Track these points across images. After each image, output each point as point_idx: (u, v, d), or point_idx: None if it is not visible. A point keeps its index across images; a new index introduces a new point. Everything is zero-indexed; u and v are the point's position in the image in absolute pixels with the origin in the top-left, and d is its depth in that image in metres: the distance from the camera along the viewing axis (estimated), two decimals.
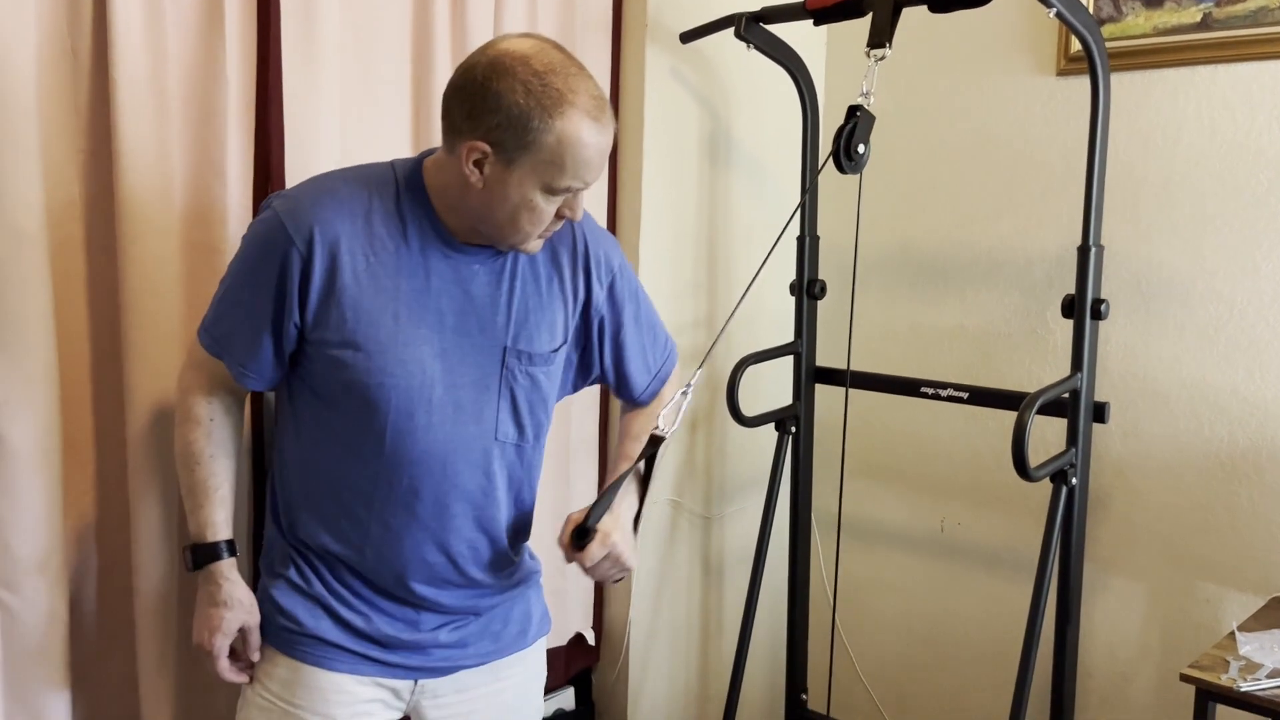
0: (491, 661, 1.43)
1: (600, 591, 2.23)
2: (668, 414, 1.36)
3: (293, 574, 1.35)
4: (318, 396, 1.30)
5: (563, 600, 2.11)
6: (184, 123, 1.50)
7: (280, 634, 1.34)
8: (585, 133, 1.20)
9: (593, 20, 2.02)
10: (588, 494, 2.15)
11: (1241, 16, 1.86)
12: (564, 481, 2.08)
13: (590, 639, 2.21)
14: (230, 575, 1.32)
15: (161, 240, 1.48)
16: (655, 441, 1.37)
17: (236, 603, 1.32)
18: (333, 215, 1.25)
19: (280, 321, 1.26)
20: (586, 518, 1.32)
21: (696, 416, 2.31)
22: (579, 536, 1.32)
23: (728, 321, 1.62)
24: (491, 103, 1.18)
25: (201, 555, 1.32)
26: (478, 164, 1.21)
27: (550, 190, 1.22)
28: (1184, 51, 1.93)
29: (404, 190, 1.29)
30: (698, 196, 2.24)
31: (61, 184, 1.42)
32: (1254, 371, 1.90)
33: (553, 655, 2.12)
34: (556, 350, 1.39)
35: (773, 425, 2.17)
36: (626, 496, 1.38)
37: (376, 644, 1.35)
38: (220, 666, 1.33)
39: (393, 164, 1.33)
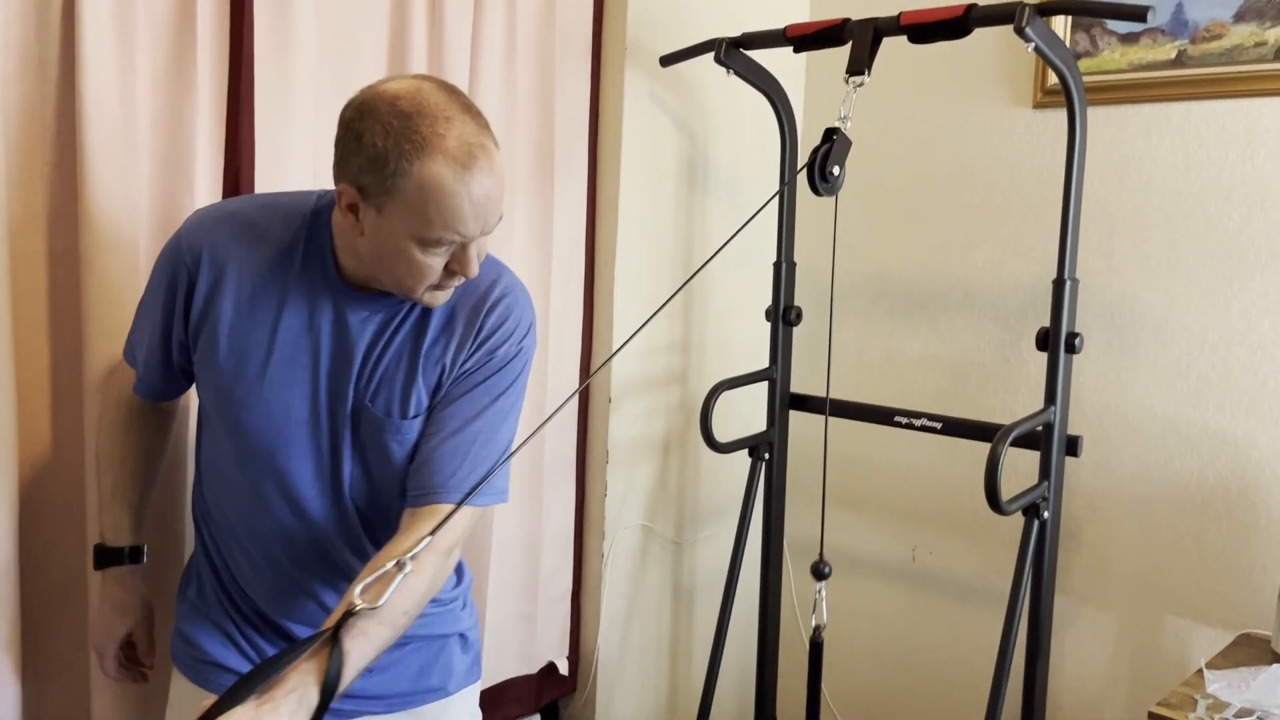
0: (403, 710, 1.35)
1: (576, 619, 2.20)
2: (376, 587, 1.09)
3: (192, 593, 1.34)
4: (205, 411, 1.30)
5: (533, 627, 2.08)
6: (152, 135, 1.48)
7: (182, 657, 1.32)
8: (447, 180, 1.08)
9: (572, 42, 2.01)
10: (563, 518, 2.13)
11: (1216, 54, 1.88)
12: (537, 503, 2.06)
13: (563, 668, 2.18)
14: (126, 582, 1.34)
15: (125, 254, 1.45)
16: (349, 614, 1.07)
17: (130, 609, 1.34)
18: (230, 240, 1.22)
19: (169, 332, 1.27)
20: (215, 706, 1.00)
21: (670, 441, 2.30)
22: None
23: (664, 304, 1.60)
24: (355, 145, 1.10)
25: (103, 557, 1.35)
26: (351, 209, 1.13)
27: (422, 242, 1.11)
28: (1159, 88, 1.94)
29: (310, 227, 1.23)
30: (675, 219, 2.23)
31: (24, 197, 1.39)
32: (1224, 407, 1.91)
33: (522, 684, 2.10)
34: (415, 418, 1.24)
35: (746, 451, 2.15)
36: (291, 685, 1.03)
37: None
38: (105, 668, 1.35)
39: (318, 196, 1.26)
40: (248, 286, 1.21)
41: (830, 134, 1.64)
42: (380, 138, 1.08)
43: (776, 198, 2.13)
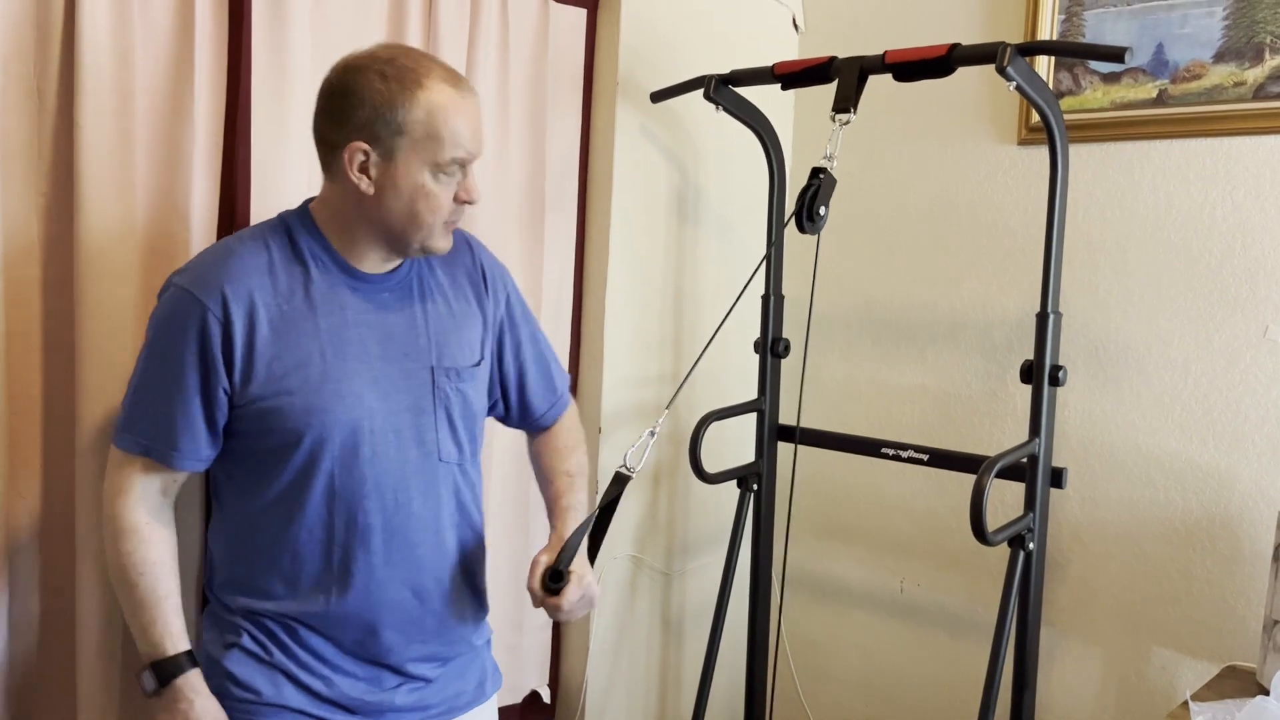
0: (457, 716, 1.42)
1: (557, 648, 2.20)
2: (634, 453, 1.38)
3: (247, 642, 1.30)
4: (253, 460, 1.28)
5: (517, 656, 2.08)
6: (148, 164, 1.50)
7: (238, 707, 1.28)
8: (450, 99, 1.22)
9: (564, 78, 2.04)
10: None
11: (1196, 94, 1.92)
12: (524, 533, 2.06)
13: (545, 697, 2.17)
14: (199, 688, 1.25)
15: (120, 284, 1.46)
16: (621, 481, 1.38)
17: (211, 718, 1.25)
18: (238, 273, 1.24)
19: (210, 392, 1.23)
20: (558, 561, 1.31)
21: (659, 471, 2.30)
22: (553, 580, 1.31)
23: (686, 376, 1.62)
24: (354, 100, 1.20)
25: (165, 672, 1.24)
26: (363, 168, 1.22)
27: (438, 168, 1.23)
28: (1140, 126, 1.98)
29: (299, 234, 1.29)
30: (665, 252, 2.26)
31: (20, 227, 1.40)
32: (1208, 440, 1.93)
33: (506, 714, 2.08)
34: (478, 364, 1.40)
35: (735, 482, 2.16)
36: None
37: (340, 708, 1.31)
38: None
39: (281, 215, 1.33)
40: (275, 308, 1.25)
41: (816, 173, 1.67)
42: (378, 83, 1.19)
43: (766, 233, 2.16)
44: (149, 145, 1.49)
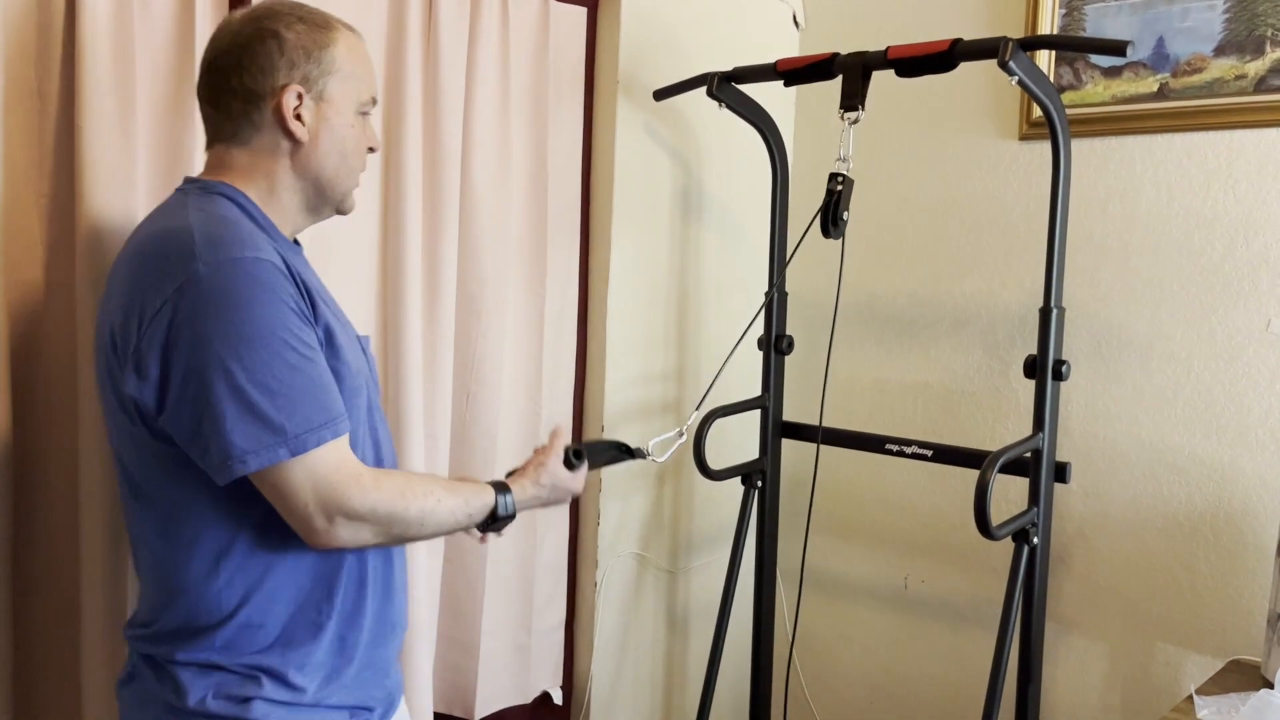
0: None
1: (570, 648, 2.20)
2: (657, 445, 1.52)
3: (271, 691, 1.16)
4: None
5: (527, 657, 2.08)
6: (151, 167, 1.50)
7: None
8: (357, 40, 1.24)
9: (565, 76, 2.04)
10: (557, 548, 2.13)
11: (1197, 87, 1.92)
12: (531, 533, 2.06)
13: (557, 698, 2.17)
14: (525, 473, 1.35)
15: None
16: (637, 455, 1.53)
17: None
18: (260, 236, 1.14)
19: (318, 346, 1.14)
20: (582, 444, 1.41)
21: (663, 469, 2.31)
22: (576, 457, 1.40)
23: (713, 380, 1.63)
24: (279, 45, 1.17)
25: (504, 489, 1.28)
26: (296, 114, 1.18)
27: (360, 108, 1.24)
28: (1142, 120, 1.98)
29: (240, 201, 1.18)
30: (669, 250, 2.26)
31: (22, 227, 1.40)
32: (1210, 434, 1.93)
33: (517, 714, 2.09)
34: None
35: (739, 479, 2.16)
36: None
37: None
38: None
39: (204, 189, 1.18)
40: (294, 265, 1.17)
41: (835, 178, 1.66)
42: (299, 25, 1.18)
43: (769, 230, 2.16)
44: (150, 146, 1.49)
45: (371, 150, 1.28)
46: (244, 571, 1.15)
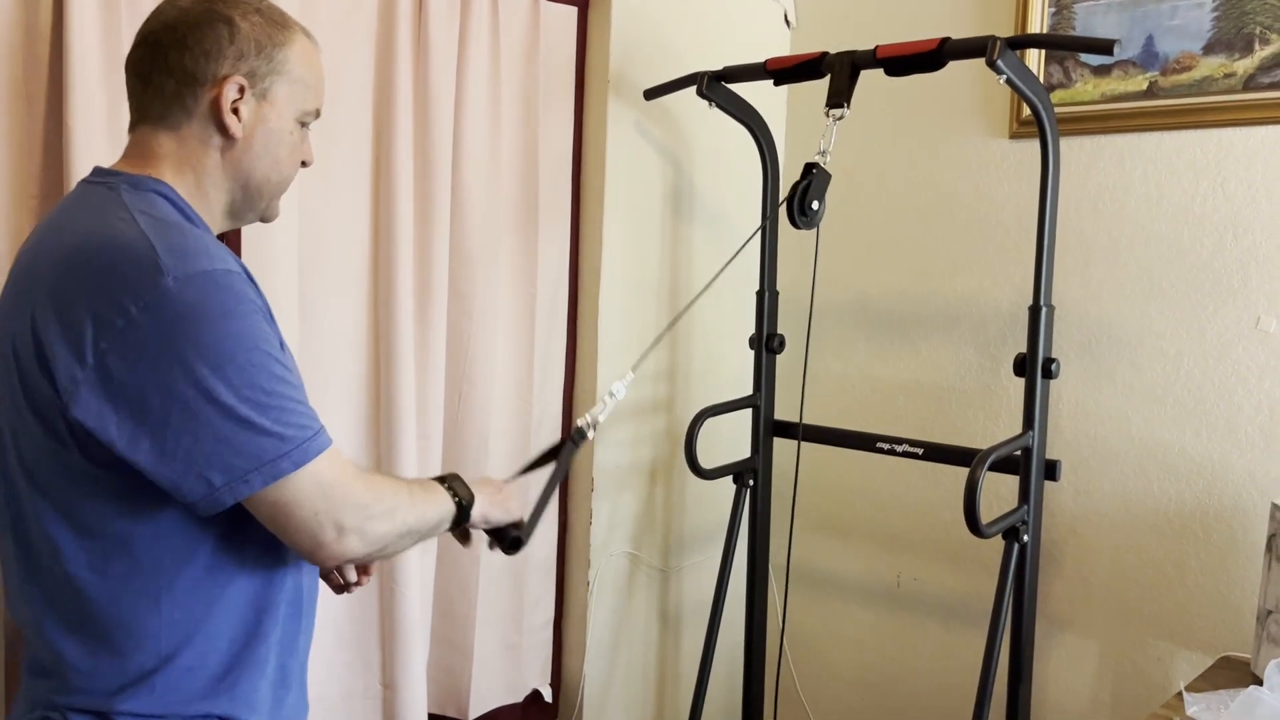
0: None
1: (559, 646, 2.20)
2: (595, 412, 1.42)
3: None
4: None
5: (518, 655, 2.09)
6: None
7: None
8: (313, 51, 1.15)
9: (556, 76, 2.04)
10: (548, 546, 2.14)
11: (1186, 85, 1.92)
12: None
13: (547, 695, 2.18)
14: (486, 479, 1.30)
15: None
16: (580, 438, 1.42)
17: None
18: (216, 243, 1.06)
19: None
20: (525, 529, 1.29)
21: (655, 468, 2.31)
22: (512, 546, 1.29)
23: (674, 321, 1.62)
24: (230, 33, 1.07)
25: (463, 488, 1.22)
26: (234, 108, 1.08)
27: (303, 115, 1.15)
28: (1131, 118, 1.98)
29: (176, 201, 1.09)
30: (660, 248, 2.26)
31: (12, 229, 1.40)
32: (1200, 432, 1.93)
33: (507, 713, 2.09)
34: None
35: (731, 478, 2.17)
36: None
37: None
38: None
39: (132, 183, 1.08)
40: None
41: (809, 168, 1.67)
42: (255, 17, 1.09)
43: (760, 228, 2.16)
44: None
45: (305, 164, 1.19)
46: (187, 608, 1.05)
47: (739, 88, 2.03)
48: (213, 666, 1.07)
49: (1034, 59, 2.05)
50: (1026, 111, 2.07)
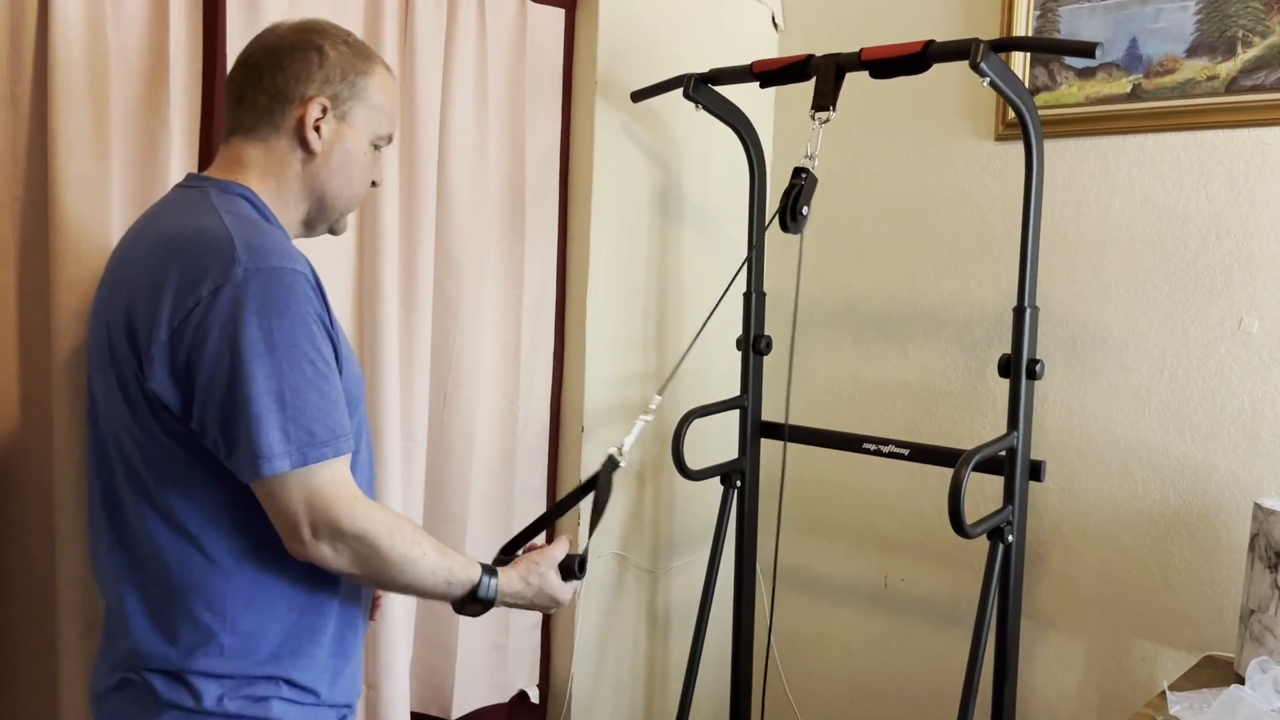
0: None
1: (546, 647, 2.20)
2: (627, 441, 1.47)
3: (288, 691, 1.19)
4: None
5: (504, 655, 2.09)
6: (124, 167, 1.49)
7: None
8: (391, 80, 1.29)
9: (543, 77, 2.05)
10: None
11: (1170, 88, 1.93)
12: (508, 533, 2.06)
13: (534, 696, 2.18)
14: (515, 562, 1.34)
15: (96, 288, 1.46)
16: (612, 466, 1.48)
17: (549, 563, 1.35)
18: (292, 245, 1.18)
19: (335, 364, 1.15)
20: (580, 561, 1.37)
21: (643, 469, 2.31)
22: (570, 573, 1.36)
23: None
24: (320, 59, 1.22)
25: (490, 573, 1.27)
26: (315, 127, 1.22)
27: (377, 140, 1.28)
28: (1115, 121, 1.99)
29: (263, 210, 1.22)
30: (648, 251, 2.26)
31: None
32: (1184, 432, 1.94)
33: (494, 713, 2.09)
34: None
35: (718, 479, 2.17)
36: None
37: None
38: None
39: (224, 191, 1.19)
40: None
41: (799, 173, 1.67)
42: (342, 47, 1.24)
43: (748, 231, 2.17)
44: (124, 148, 1.49)
45: (374, 184, 1.32)
46: (257, 575, 1.16)
47: (726, 90, 2.04)
48: (275, 633, 1.17)
49: (1019, 61, 2.06)
50: (1012, 114, 2.08)
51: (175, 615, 1.15)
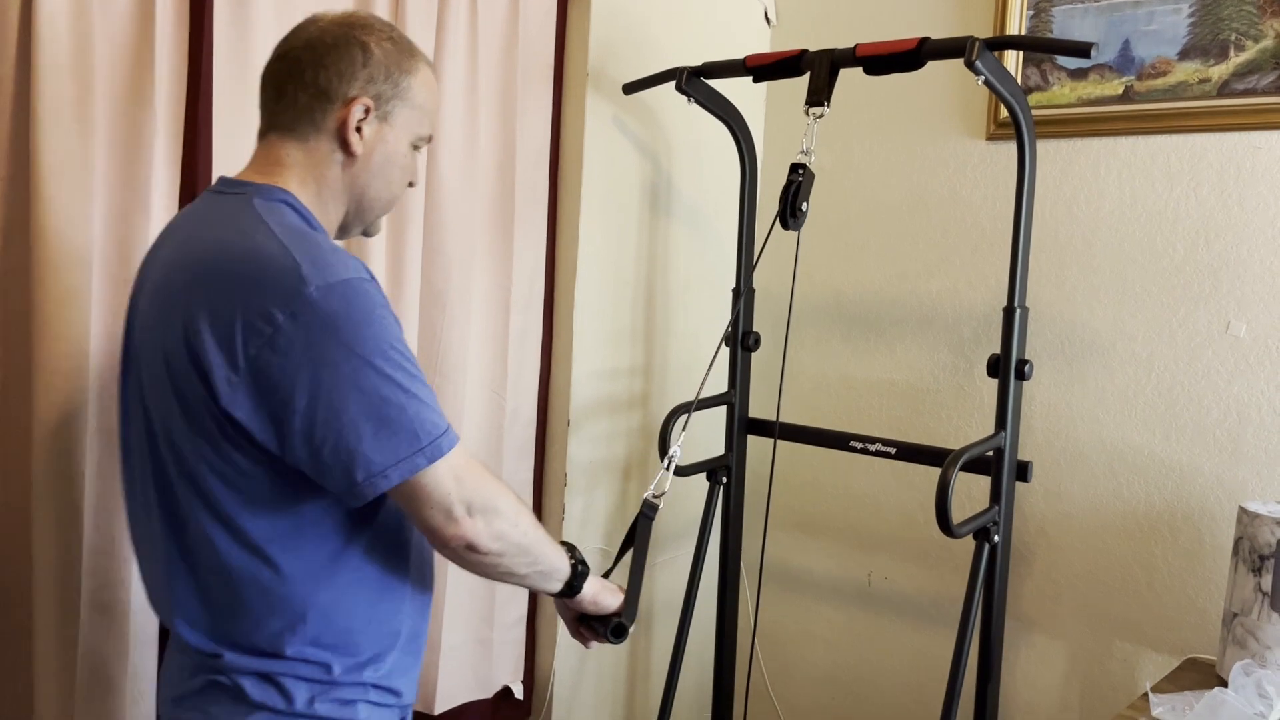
0: None
1: (531, 643, 2.19)
2: (656, 484, 1.49)
3: (375, 695, 1.21)
4: None
5: (489, 651, 2.07)
6: (108, 152, 1.47)
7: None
8: (433, 79, 1.25)
9: (534, 68, 2.03)
10: None
11: (1161, 90, 1.93)
12: None
13: (518, 692, 2.16)
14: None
15: (78, 272, 1.44)
16: (651, 511, 1.50)
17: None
18: (348, 255, 1.14)
19: None
20: (625, 616, 1.39)
21: (629, 465, 2.30)
22: (616, 633, 1.39)
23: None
24: (365, 57, 1.17)
25: (583, 566, 1.32)
26: (358, 126, 1.17)
27: (415, 143, 1.24)
28: (1107, 122, 1.99)
29: (307, 217, 1.18)
30: (637, 244, 2.25)
31: None
32: (1170, 434, 1.95)
33: (477, 709, 2.08)
34: None
35: (705, 475, 2.16)
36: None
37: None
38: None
39: (271, 197, 1.16)
40: None
41: (796, 169, 1.66)
42: (387, 44, 1.19)
43: (738, 225, 2.16)
44: (108, 133, 1.47)
45: (411, 185, 1.28)
46: (347, 582, 1.15)
47: (718, 84, 2.03)
48: (360, 635, 1.17)
49: (1011, 61, 2.06)
50: (1004, 113, 2.08)
51: (268, 624, 1.13)
